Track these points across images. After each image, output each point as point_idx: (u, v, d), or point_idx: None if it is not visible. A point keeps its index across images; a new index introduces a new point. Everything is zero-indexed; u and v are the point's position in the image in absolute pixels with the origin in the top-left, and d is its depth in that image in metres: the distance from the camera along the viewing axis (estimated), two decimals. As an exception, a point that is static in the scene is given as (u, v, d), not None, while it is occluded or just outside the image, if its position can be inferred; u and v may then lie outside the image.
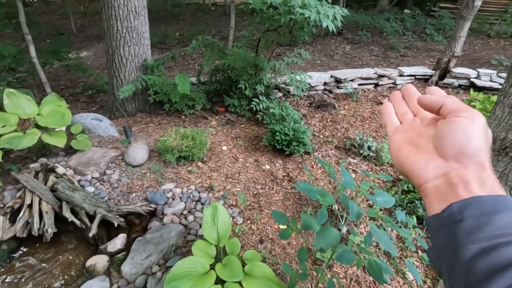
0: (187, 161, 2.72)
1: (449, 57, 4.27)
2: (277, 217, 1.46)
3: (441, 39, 6.49)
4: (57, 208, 2.14)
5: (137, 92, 3.54)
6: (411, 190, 2.40)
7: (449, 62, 4.28)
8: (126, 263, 1.84)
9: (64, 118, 2.53)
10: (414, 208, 2.25)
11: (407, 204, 2.34)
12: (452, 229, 0.28)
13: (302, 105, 4.04)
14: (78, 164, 2.55)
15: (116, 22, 3.23)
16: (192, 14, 10.46)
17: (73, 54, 6.27)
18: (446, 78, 4.36)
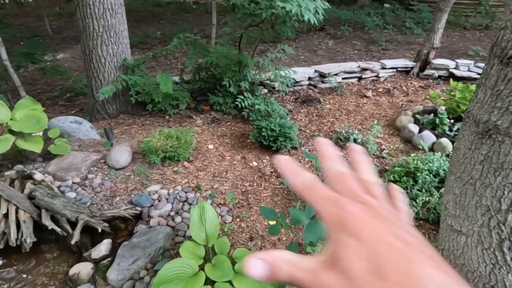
0: (172, 161, 2.66)
1: (428, 49, 4.37)
2: (266, 213, 1.44)
3: (421, 32, 6.64)
4: (36, 217, 2.04)
5: (118, 93, 3.43)
6: (397, 180, 2.44)
7: (429, 54, 4.37)
8: (112, 269, 1.78)
9: (40, 122, 2.41)
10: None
11: (394, 194, 2.37)
12: None
13: (287, 101, 4.03)
14: (58, 170, 2.44)
15: (92, 20, 3.11)
16: (173, 13, 10.27)
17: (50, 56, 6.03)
18: (426, 70, 4.46)
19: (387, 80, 4.52)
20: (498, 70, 0.65)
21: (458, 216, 0.83)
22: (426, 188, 2.24)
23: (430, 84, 4.30)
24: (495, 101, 0.67)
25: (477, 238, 0.79)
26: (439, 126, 3.01)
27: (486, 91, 0.69)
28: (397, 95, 4.10)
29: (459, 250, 0.84)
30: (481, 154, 0.73)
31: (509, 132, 0.65)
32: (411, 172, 2.39)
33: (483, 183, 0.75)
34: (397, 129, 3.32)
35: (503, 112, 0.65)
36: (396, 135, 3.23)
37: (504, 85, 0.64)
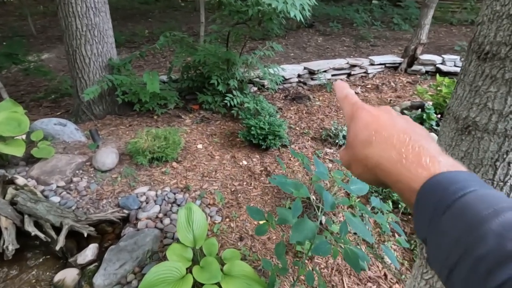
0: (160, 162, 2.62)
1: (416, 44, 4.41)
2: (253, 213, 1.42)
3: (408, 28, 6.71)
4: (18, 223, 1.97)
5: (104, 94, 3.36)
6: (386, 175, 2.45)
7: (416, 50, 4.41)
8: (99, 274, 1.74)
9: (21, 125, 2.34)
10: (390, 193, 2.30)
11: (383, 189, 2.38)
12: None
13: (277, 98, 4.01)
14: (41, 174, 2.38)
15: (74, 19, 3.03)
16: (161, 11, 10.11)
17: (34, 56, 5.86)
18: (414, 65, 4.50)
19: (375, 76, 4.55)
20: (476, 66, 0.65)
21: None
22: (414, 183, 2.26)
23: (417, 80, 4.34)
24: (474, 97, 0.66)
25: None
26: (426, 121, 3.04)
27: (465, 87, 0.68)
28: (386, 91, 4.13)
29: (442, 247, 0.84)
30: (461, 151, 0.72)
31: (487, 128, 0.65)
32: (399, 167, 2.40)
33: (463, 179, 0.74)
34: (385, 125, 3.34)
35: (482, 108, 0.65)
36: (385, 131, 3.25)
37: (482, 81, 0.64)
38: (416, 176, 0.28)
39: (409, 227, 2.14)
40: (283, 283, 1.75)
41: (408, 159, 0.29)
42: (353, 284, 1.77)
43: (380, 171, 0.31)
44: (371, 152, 0.32)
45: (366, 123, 0.34)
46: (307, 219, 1.28)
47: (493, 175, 0.68)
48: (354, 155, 0.34)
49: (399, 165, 0.30)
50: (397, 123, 0.34)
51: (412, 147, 0.30)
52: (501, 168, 0.67)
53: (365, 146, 0.33)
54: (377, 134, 0.33)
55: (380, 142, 0.32)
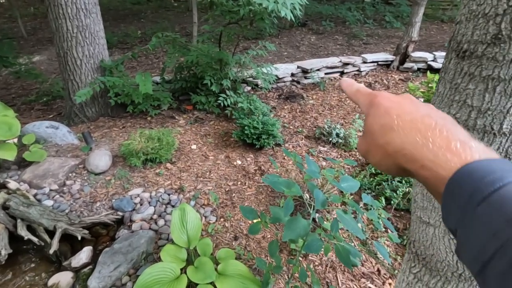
0: (154, 163, 2.61)
1: (407, 42, 4.45)
2: (246, 213, 1.43)
3: (400, 25, 6.76)
4: (11, 227, 1.96)
5: (96, 95, 3.34)
6: (379, 172, 2.48)
7: (408, 47, 4.46)
8: (93, 277, 1.73)
9: (11, 129, 2.32)
10: (383, 190, 2.33)
11: (376, 186, 2.41)
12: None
13: (271, 98, 4.03)
14: (34, 177, 2.36)
15: (65, 21, 3.00)
16: (154, 12, 10.05)
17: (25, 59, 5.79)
18: (406, 63, 4.55)
19: (368, 74, 4.58)
20: (455, 64, 0.66)
21: (426, 208, 0.85)
22: (406, 179, 2.29)
23: (409, 77, 4.39)
24: (454, 94, 0.68)
25: (444, 229, 0.81)
26: (418, 118, 3.08)
27: (446, 84, 0.70)
28: (378, 88, 4.16)
29: (428, 241, 0.86)
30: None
31: (467, 125, 0.67)
32: (391, 164, 2.43)
33: (447, 175, 0.76)
34: (378, 122, 3.37)
35: (461, 105, 0.66)
36: (378, 128, 3.29)
37: (461, 79, 0.65)
38: (445, 163, 0.26)
39: (402, 223, 2.17)
40: (278, 281, 1.76)
41: (435, 144, 0.27)
42: (347, 280, 1.79)
43: (403, 156, 0.30)
44: (393, 137, 0.31)
45: (387, 108, 0.33)
46: (300, 217, 1.29)
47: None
48: (374, 141, 0.33)
49: (425, 149, 0.28)
50: (420, 107, 0.32)
51: (440, 131, 0.28)
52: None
53: (387, 131, 0.31)
54: (399, 118, 0.31)
55: (404, 127, 0.30)
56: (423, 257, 0.89)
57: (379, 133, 0.32)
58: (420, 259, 0.90)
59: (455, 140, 0.27)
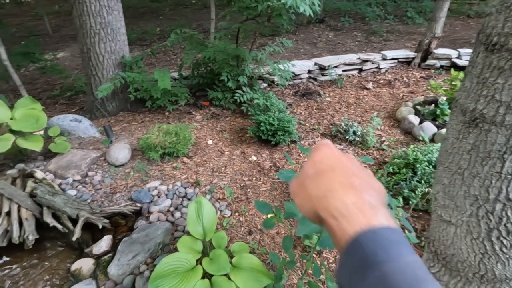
0: (171, 157, 2.67)
1: (430, 38, 4.29)
2: (261, 207, 1.44)
3: (422, 21, 6.53)
4: (38, 214, 2.07)
5: (116, 91, 3.44)
6: (397, 172, 2.42)
7: (430, 44, 4.30)
8: (113, 264, 1.80)
9: (38, 121, 2.43)
10: (400, 189, 2.27)
11: (393, 185, 2.36)
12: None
13: (287, 94, 4.01)
14: (58, 168, 2.47)
15: (88, 18, 3.11)
16: (171, 9, 10.20)
17: (50, 55, 6.05)
18: (428, 60, 4.39)
19: (388, 71, 4.47)
20: (483, 58, 0.64)
21: (447, 207, 0.83)
22: (425, 179, 2.22)
23: (431, 75, 4.24)
24: (481, 89, 0.65)
25: (466, 228, 0.79)
26: (440, 117, 2.98)
27: (473, 79, 0.68)
28: (398, 86, 4.05)
29: (449, 241, 0.84)
30: (469, 144, 0.72)
31: (495, 121, 0.64)
32: (410, 163, 2.37)
33: (471, 172, 0.74)
34: (397, 120, 3.29)
35: (489, 100, 0.64)
36: (396, 126, 3.21)
37: (490, 73, 0.63)
38: (353, 220, 0.28)
39: (420, 223, 2.11)
40: (291, 276, 1.77)
41: (351, 200, 0.30)
42: (361, 279, 1.77)
43: (321, 202, 0.32)
44: (321, 184, 0.33)
45: (325, 156, 0.36)
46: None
47: (501, 167, 0.67)
48: (304, 183, 0.35)
49: (341, 202, 0.30)
50: (354, 167, 0.35)
51: (359, 191, 0.31)
52: (509, 161, 0.66)
53: (318, 177, 0.34)
54: (332, 169, 0.34)
55: (332, 177, 0.33)
56: (443, 256, 0.87)
57: (312, 177, 0.34)
58: (440, 259, 0.88)
59: (367, 202, 0.30)
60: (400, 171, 2.39)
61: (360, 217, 0.28)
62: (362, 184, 0.32)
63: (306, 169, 0.36)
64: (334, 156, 0.36)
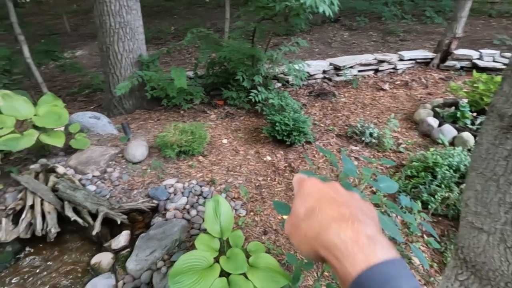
0: (187, 155, 2.70)
1: (450, 38, 4.18)
2: (279, 208, 1.44)
3: (441, 21, 6.36)
4: (59, 208, 2.13)
5: (134, 89, 3.50)
6: (415, 175, 2.38)
7: (450, 44, 4.19)
8: (131, 259, 1.84)
9: (61, 118, 2.50)
10: (419, 193, 2.23)
11: (411, 189, 2.31)
12: None
13: (301, 95, 3.98)
14: (78, 164, 2.54)
15: (108, 17, 3.17)
16: (186, 8, 10.30)
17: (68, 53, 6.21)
18: (447, 61, 4.28)
19: (405, 72, 4.38)
20: (526, 61, 0.62)
21: (479, 214, 0.81)
22: (445, 184, 2.17)
23: (451, 76, 4.13)
24: (523, 94, 0.63)
25: (499, 236, 0.77)
26: (460, 120, 2.90)
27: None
28: (416, 87, 3.97)
29: (480, 248, 0.82)
30: (506, 150, 0.70)
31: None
32: (429, 167, 2.32)
33: (507, 179, 0.72)
34: (415, 122, 3.22)
35: (532, 106, 0.62)
36: (414, 129, 3.14)
37: (533, 77, 0.61)
38: (353, 259, 0.28)
39: (439, 229, 2.07)
40: (306, 278, 1.76)
41: (346, 235, 0.29)
42: (378, 283, 1.75)
43: (319, 242, 0.30)
44: (313, 222, 0.32)
45: (311, 191, 0.35)
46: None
47: (542, 175, 0.65)
48: (297, 224, 0.34)
49: (337, 239, 0.29)
50: (341, 195, 0.34)
51: (352, 222, 0.30)
52: (550, 169, 0.64)
53: (309, 215, 0.33)
54: (319, 203, 0.33)
55: (322, 212, 0.32)
56: (473, 264, 0.85)
57: (303, 217, 0.33)
58: (469, 266, 0.86)
59: (363, 235, 0.29)
60: (419, 175, 2.34)
61: (359, 255, 0.28)
62: (353, 213, 0.31)
63: (296, 209, 0.35)
64: (317, 189, 0.35)
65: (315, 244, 0.31)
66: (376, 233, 0.30)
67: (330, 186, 0.37)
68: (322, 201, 0.33)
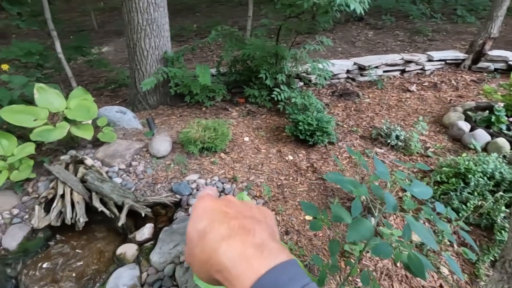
0: (209, 152, 2.72)
1: (484, 39, 3.97)
2: (307, 208, 1.42)
3: (474, 20, 6.06)
4: (87, 199, 2.21)
5: (158, 85, 3.56)
6: (445, 181, 2.27)
7: (484, 45, 3.98)
8: (154, 252, 1.88)
9: (90, 112, 2.59)
10: (449, 200, 2.13)
11: (440, 195, 2.22)
12: None
13: (324, 94, 3.92)
14: (105, 156, 2.62)
15: (136, 14, 3.24)
16: (208, 6, 10.39)
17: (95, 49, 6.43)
18: (480, 62, 4.06)
19: (433, 74, 4.20)
20: None
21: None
22: (478, 192, 2.06)
23: (484, 78, 3.92)
24: None
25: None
26: (495, 125, 2.75)
27: None
28: (445, 89, 3.80)
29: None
30: None
31: None
32: (461, 173, 2.21)
33: None
34: (444, 126, 3.09)
35: None
36: (443, 132, 3.01)
37: None
38: (242, 277, 0.27)
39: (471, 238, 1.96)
40: (329, 281, 1.73)
41: (234, 250, 0.28)
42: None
43: (211, 265, 0.29)
44: (205, 244, 0.30)
45: (202, 212, 0.33)
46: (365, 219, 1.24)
47: None
48: (192, 250, 0.31)
49: (225, 257, 0.28)
50: (230, 208, 0.33)
51: (240, 235, 0.29)
52: None
53: (201, 237, 0.31)
54: (212, 223, 0.31)
55: (213, 232, 0.30)
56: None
57: (196, 242, 0.31)
58: (520, 281, 0.80)
59: (250, 245, 0.28)
60: (449, 181, 2.23)
61: (248, 271, 0.26)
62: (242, 224, 0.30)
63: (190, 234, 0.32)
64: (210, 209, 0.33)
65: (209, 269, 0.29)
66: (266, 238, 0.29)
67: (223, 201, 0.35)
68: (214, 221, 0.31)
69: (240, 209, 0.34)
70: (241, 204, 0.35)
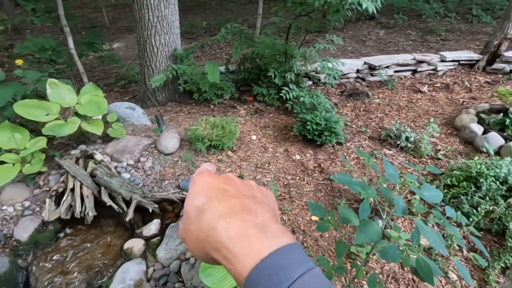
0: (217, 150, 2.73)
1: (500, 39, 3.86)
2: (314, 209, 1.41)
3: (490, 20, 5.89)
4: (96, 193, 2.24)
5: (167, 82, 3.59)
6: (455, 184, 2.23)
7: (500, 45, 3.87)
8: (161, 248, 1.90)
9: (101, 107, 2.62)
10: (459, 204, 2.09)
11: (450, 199, 2.18)
12: None
13: (332, 94, 3.88)
14: (114, 152, 2.65)
15: (147, 11, 3.26)
16: (218, 3, 10.39)
17: (106, 45, 6.51)
18: (495, 63, 3.96)
19: (446, 74, 4.11)
20: None
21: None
22: (490, 196, 2.01)
23: (498, 80, 3.82)
24: None
25: None
26: (509, 128, 2.68)
27: None
28: (458, 91, 3.72)
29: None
30: None
31: None
32: (472, 177, 2.16)
33: None
34: (456, 128, 3.02)
35: None
36: (455, 135, 2.95)
37: None
38: (242, 257, 0.26)
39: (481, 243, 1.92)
40: (334, 283, 1.72)
41: (234, 230, 0.27)
42: (411, 295, 1.67)
43: (209, 243, 0.28)
44: (203, 221, 0.29)
45: (201, 188, 0.32)
46: (373, 221, 1.22)
47: None
48: (189, 226, 0.31)
49: (225, 236, 0.27)
50: (230, 186, 0.32)
51: (241, 215, 0.28)
52: None
53: (200, 215, 0.30)
54: (210, 200, 0.30)
55: (212, 209, 0.29)
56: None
57: (194, 218, 0.30)
58: (534, 291, 0.78)
59: (251, 225, 0.27)
60: (460, 184, 2.19)
61: (249, 251, 0.26)
62: (244, 203, 0.29)
63: (187, 210, 0.31)
64: (208, 185, 0.32)
65: (206, 247, 0.29)
66: (268, 219, 0.28)
67: (222, 178, 0.34)
68: (213, 198, 0.31)
69: (240, 187, 0.33)
70: (241, 182, 0.34)
